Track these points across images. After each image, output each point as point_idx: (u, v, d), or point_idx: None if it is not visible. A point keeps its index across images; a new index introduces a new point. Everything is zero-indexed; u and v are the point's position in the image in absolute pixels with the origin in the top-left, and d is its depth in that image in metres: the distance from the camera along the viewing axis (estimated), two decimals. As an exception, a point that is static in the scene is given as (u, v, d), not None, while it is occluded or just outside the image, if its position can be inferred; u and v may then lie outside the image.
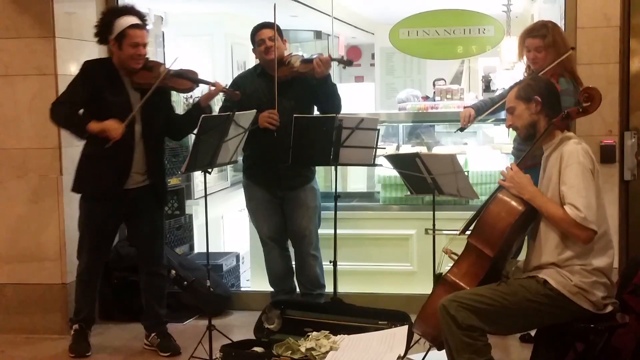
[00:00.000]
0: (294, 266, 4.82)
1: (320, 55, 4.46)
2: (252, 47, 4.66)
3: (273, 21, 4.56)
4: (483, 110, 4.54)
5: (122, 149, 4.11)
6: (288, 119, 4.29)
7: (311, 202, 4.63)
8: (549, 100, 3.31)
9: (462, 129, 4.65)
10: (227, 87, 4.41)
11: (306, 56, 4.56)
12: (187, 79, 4.24)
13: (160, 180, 4.40)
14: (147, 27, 4.24)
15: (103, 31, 4.18)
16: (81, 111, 4.19)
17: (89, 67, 4.25)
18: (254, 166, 4.68)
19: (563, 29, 4.69)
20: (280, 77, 4.45)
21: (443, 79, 10.09)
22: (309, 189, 4.63)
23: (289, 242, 4.81)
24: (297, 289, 4.84)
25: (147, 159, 4.24)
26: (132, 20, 4.13)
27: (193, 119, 4.06)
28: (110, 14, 4.21)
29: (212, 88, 4.27)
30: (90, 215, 4.29)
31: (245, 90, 4.53)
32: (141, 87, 4.17)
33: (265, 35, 4.53)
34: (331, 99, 4.46)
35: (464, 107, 4.78)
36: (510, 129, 3.46)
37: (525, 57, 4.34)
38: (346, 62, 4.47)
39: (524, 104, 3.32)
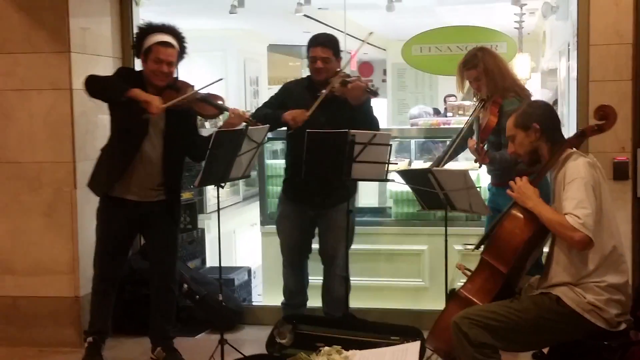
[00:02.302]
0: (310, 282, 4.80)
1: (355, 79, 4.41)
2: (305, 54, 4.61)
3: (331, 36, 4.54)
4: (440, 161, 4.58)
5: (131, 151, 4.14)
6: None
7: (342, 223, 4.43)
8: (548, 125, 3.30)
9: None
10: (251, 118, 4.33)
11: (349, 78, 4.45)
12: (213, 106, 4.24)
13: (175, 197, 4.39)
14: (178, 47, 4.22)
15: (137, 45, 4.23)
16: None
17: (123, 71, 4.36)
18: (290, 180, 4.61)
19: (575, 46, 4.71)
20: (322, 97, 4.39)
21: (454, 95, 10.11)
22: (342, 208, 4.44)
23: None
24: (307, 304, 4.82)
25: (164, 175, 4.24)
26: (163, 37, 4.15)
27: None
28: (146, 29, 4.23)
29: (232, 115, 4.25)
30: (107, 223, 4.30)
31: (293, 96, 4.54)
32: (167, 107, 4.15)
33: (318, 54, 4.45)
34: (363, 127, 4.31)
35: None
36: (513, 156, 3.46)
37: (466, 88, 4.48)
38: (372, 93, 4.41)
39: (523, 131, 3.32)
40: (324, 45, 4.46)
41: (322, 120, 4.34)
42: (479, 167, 4.42)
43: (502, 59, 4.47)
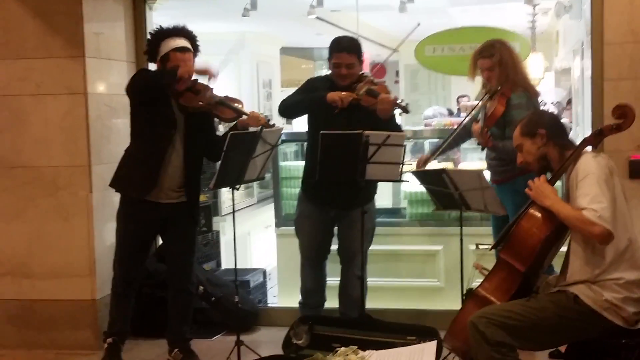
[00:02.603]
0: (327, 283, 4.79)
1: (384, 87, 4.38)
2: (327, 56, 4.52)
3: (355, 41, 4.48)
4: (437, 150, 4.63)
5: (159, 155, 4.16)
6: None
7: (365, 224, 4.41)
8: (553, 129, 3.32)
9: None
10: (269, 121, 4.32)
11: (374, 85, 4.39)
12: (232, 109, 4.25)
13: (195, 199, 4.40)
14: (195, 50, 4.24)
15: (152, 51, 4.23)
16: None
17: (143, 72, 4.37)
18: (310, 181, 4.51)
19: (589, 45, 4.69)
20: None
21: (467, 95, 10.12)
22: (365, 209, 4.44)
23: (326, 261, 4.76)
24: (334, 305, 4.79)
25: (185, 176, 4.25)
26: (178, 43, 4.15)
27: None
28: (158, 35, 4.21)
29: (250, 119, 4.25)
30: (127, 224, 4.31)
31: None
32: (186, 109, 4.19)
33: (343, 61, 4.38)
34: None
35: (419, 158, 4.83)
36: (523, 166, 3.45)
37: (479, 77, 4.50)
38: (404, 109, 4.35)
39: (530, 139, 3.33)
40: (349, 51, 4.39)
41: (344, 122, 4.28)
42: (482, 149, 4.45)
43: (518, 54, 4.51)
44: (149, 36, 4.33)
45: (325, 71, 4.66)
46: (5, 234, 4.93)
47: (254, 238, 6.79)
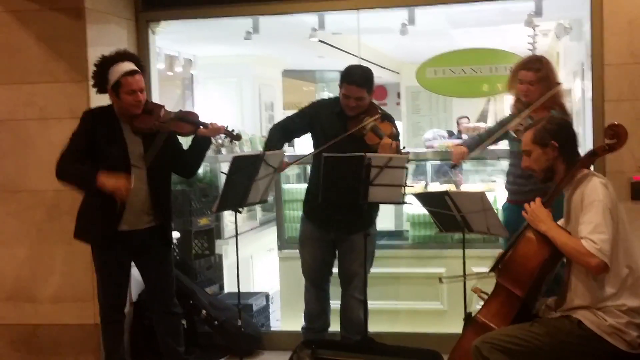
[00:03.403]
0: (331, 306, 4.77)
1: (389, 130, 4.35)
2: (338, 82, 4.47)
3: (367, 73, 4.44)
4: (474, 147, 4.58)
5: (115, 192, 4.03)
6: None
7: (363, 246, 4.40)
8: (566, 144, 3.29)
9: (454, 166, 4.75)
10: (229, 130, 4.28)
11: (379, 128, 4.36)
12: (188, 123, 4.20)
13: (167, 221, 4.33)
14: (142, 70, 4.17)
15: (100, 82, 4.14)
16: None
17: (87, 117, 4.22)
18: (313, 203, 4.54)
19: (590, 66, 4.72)
20: (350, 128, 4.37)
21: (466, 117, 10.17)
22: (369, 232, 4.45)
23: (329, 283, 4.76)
24: (328, 329, 4.80)
25: (152, 200, 4.17)
26: (126, 67, 4.07)
27: (197, 152, 4.13)
28: (103, 64, 4.12)
29: (210, 129, 4.21)
30: (100, 258, 4.23)
31: (316, 120, 4.52)
32: (142, 131, 4.13)
33: (352, 94, 4.35)
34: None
35: (456, 145, 4.81)
36: (527, 170, 3.44)
37: (516, 90, 4.42)
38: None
39: (541, 148, 3.30)
40: (360, 85, 4.36)
41: (350, 150, 4.26)
42: (510, 149, 4.50)
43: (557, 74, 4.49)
44: (93, 67, 4.20)
45: (326, 93, 4.67)
46: (9, 258, 4.94)
47: (256, 261, 6.77)
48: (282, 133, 4.52)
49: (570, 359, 3.16)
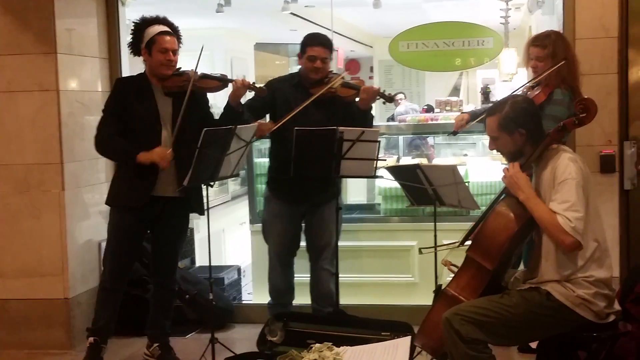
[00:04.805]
0: (295, 281, 4.80)
1: (362, 83, 4.42)
2: (298, 52, 4.53)
3: (328, 37, 4.54)
4: (477, 116, 4.54)
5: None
6: None
7: (331, 218, 4.49)
8: (532, 129, 3.28)
9: (454, 133, 4.67)
10: (254, 84, 4.37)
11: (347, 79, 4.51)
12: (215, 79, 4.30)
13: (193, 190, 4.27)
14: (178, 39, 4.28)
15: (135, 41, 4.24)
16: None
17: (118, 84, 4.32)
18: (279, 179, 4.57)
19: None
20: (315, 94, 4.40)
21: (402, 93, 10.41)
22: (332, 204, 4.50)
23: (295, 259, 4.79)
24: (305, 302, 4.80)
25: (177, 167, 4.18)
26: (162, 28, 4.20)
27: (228, 121, 4.11)
28: (141, 24, 4.24)
29: (236, 86, 4.25)
30: (119, 223, 4.26)
31: (278, 95, 4.52)
32: (172, 91, 4.21)
33: (319, 55, 4.42)
34: (361, 127, 4.30)
35: (461, 112, 4.81)
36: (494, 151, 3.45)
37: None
38: (388, 99, 4.46)
39: (508, 135, 3.29)
40: (325, 46, 4.47)
41: (317, 118, 4.34)
42: None
43: (574, 51, 4.34)
44: (132, 27, 4.28)
45: (299, 67, 4.65)
46: (-24, 233, 4.88)
47: (228, 235, 6.77)
48: (250, 112, 4.50)
49: (540, 330, 3.20)
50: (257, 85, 4.35)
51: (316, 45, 4.46)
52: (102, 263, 4.38)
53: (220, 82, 4.32)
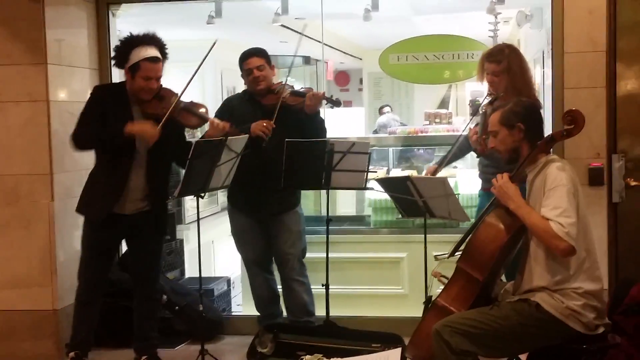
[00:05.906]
0: (280, 292, 4.82)
1: (310, 90, 4.49)
2: (240, 73, 4.65)
3: (261, 48, 4.60)
4: (442, 161, 4.58)
5: (121, 172, 4.13)
6: (274, 146, 4.30)
7: (294, 227, 4.62)
8: (532, 126, 3.32)
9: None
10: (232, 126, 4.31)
11: (296, 88, 4.57)
12: (196, 116, 4.24)
13: (161, 207, 4.36)
14: (164, 58, 4.23)
15: (120, 58, 4.19)
16: None
17: (98, 92, 4.29)
18: (238, 192, 4.65)
19: (550, 54, 4.76)
20: (267, 105, 4.47)
21: (388, 105, 10.61)
22: (293, 213, 4.63)
23: (274, 267, 4.82)
24: (284, 314, 4.82)
25: (148, 184, 4.21)
26: (149, 52, 4.12)
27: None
28: (129, 42, 4.16)
29: (212, 127, 4.24)
30: (91, 236, 4.27)
31: (235, 113, 4.55)
32: (150, 116, 4.15)
33: (253, 65, 4.54)
34: (316, 134, 4.45)
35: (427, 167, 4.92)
36: (493, 150, 3.47)
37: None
38: (335, 103, 4.52)
39: (507, 130, 3.32)
40: (257, 55, 4.57)
41: (279, 128, 4.36)
42: (477, 156, 4.41)
43: (527, 63, 4.41)
44: (118, 42, 4.27)
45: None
46: (-35, 243, 4.85)
47: (217, 246, 6.74)
48: None
49: (530, 342, 3.21)
50: (235, 129, 4.30)
51: (247, 57, 4.57)
52: (77, 276, 4.35)
53: (200, 119, 4.27)
